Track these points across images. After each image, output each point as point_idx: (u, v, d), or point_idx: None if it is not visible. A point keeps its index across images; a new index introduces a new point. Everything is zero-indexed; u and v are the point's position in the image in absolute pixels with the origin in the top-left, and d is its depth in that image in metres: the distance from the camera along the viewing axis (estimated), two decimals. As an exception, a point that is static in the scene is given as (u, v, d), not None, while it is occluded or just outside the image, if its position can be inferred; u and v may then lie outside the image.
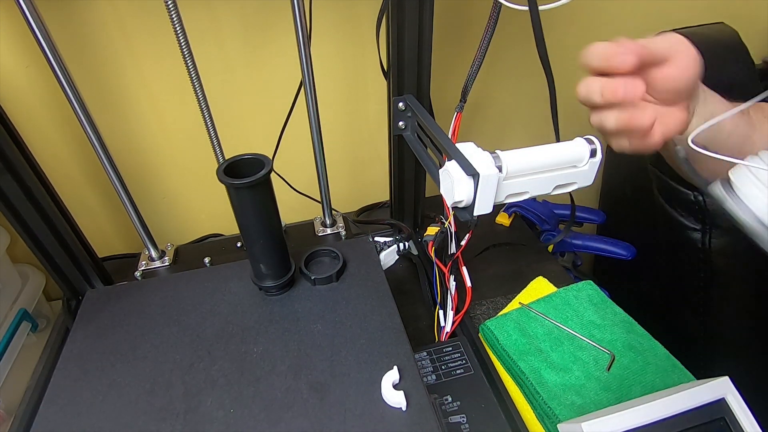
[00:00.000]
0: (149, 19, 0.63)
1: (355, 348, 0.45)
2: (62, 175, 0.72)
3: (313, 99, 0.61)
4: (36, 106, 0.66)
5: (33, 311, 0.68)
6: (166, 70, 0.68)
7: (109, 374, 0.44)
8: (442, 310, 0.60)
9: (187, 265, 0.70)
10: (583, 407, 0.47)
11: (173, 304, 0.50)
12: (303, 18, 0.54)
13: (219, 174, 0.42)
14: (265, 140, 0.73)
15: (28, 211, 0.52)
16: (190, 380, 0.43)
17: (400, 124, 0.54)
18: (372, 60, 0.69)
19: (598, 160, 0.42)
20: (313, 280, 0.51)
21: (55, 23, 0.60)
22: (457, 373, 0.52)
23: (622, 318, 0.56)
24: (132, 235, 0.74)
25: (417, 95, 0.57)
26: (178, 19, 0.50)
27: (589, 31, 0.82)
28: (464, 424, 0.47)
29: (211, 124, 0.60)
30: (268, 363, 0.44)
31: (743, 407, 0.38)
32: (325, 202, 0.72)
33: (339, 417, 0.39)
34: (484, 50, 0.55)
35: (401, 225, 0.72)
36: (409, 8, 0.50)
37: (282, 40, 0.69)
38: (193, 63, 0.54)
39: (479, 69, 0.56)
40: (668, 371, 0.50)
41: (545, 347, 0.53)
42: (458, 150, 0.39)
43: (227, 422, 0.40)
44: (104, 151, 0.58)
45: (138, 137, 0.73)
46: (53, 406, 0.42)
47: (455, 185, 0.38)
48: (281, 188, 0.67)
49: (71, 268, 0.58)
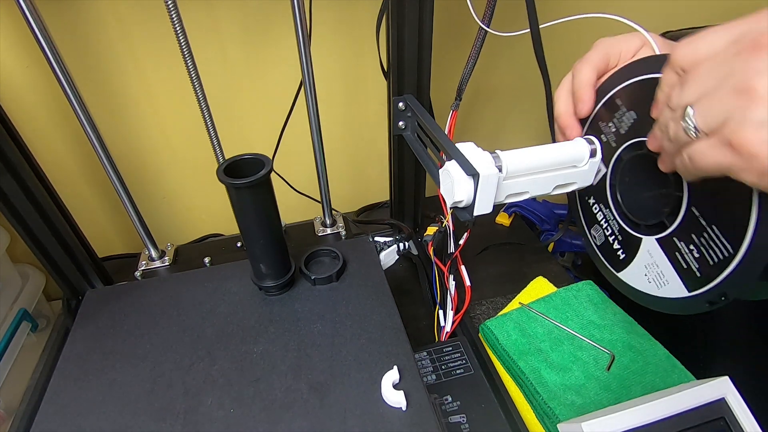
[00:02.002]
0: (149, 19, 0.63)
1: (355, 348, 0.45)
2: (62, 175, 0.72)
3: (313, 99, 0.61)
4: (36, 106, 0.66)
5: (33, 311, 0.68)
6: (166, 70, 0.68)
7: (109, 374, 0.44)
8: (441, 309, 0.60)
9: (187, 265, 0.70)
10: (583, 407, 0.47)
11: (173, 304, 0.50)
12: (303, 18, 0.54)
13: (219, 174, 0.42)
14: (265, 140, 0.73)
15: (28, 211, 0.52)
16: (190, 380, 0.43)
17: (400, 124, 0.54)
18: (372, 60, 0.69)
19: (598, 160, 0.42)
20: (313, 280, 0.51)
21: (55, 23, 0.60)
22: (457, 373, 0.52)
23: (622, 318, 0.56)
24: (132, 235, 0.74)
25: (417, 95, 0.57)
26: (178, 19, 0.50)
27: (589, 32, 0.82)
28: (464, 424, 0.47)
29: (211, 124, 0.60)
30: (268, 363, 0.44)
31: (743, 407, 0.38)
32: (325, 202, 0.72)
33: (339, 417, 0.39)
34: (479, 49, 0.55)
35: (401, 225, 0.72)
36: (409, 8, 0.50)
37: (282, 40, 0.69)
38: (193, 63, 0.54)
39: (473, 68, 0.57)
40: (668, 371, 0.50)
41: (545, 347, 0.53)
42: (458, 150, 0.39)
43: (227, 422, 0.40)
44: (104, 151, 0.58)
45: (138, 137, 0.73)
46: (53, 406, 0.42)
47: (455, 185, 0.38)
48: (281, 188, 0.67)
49: (71, 268, 0.58)
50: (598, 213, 0.48)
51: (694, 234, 0.36)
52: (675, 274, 0.38)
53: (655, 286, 0.40)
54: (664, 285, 0.39)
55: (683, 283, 0.37)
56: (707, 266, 0.35)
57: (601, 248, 0.48)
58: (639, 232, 0.42)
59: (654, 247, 0.40)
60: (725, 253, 0.33)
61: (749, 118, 0.25)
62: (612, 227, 0.45)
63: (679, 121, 0.29)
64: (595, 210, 0.48)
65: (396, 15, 0.51)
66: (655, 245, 0.40)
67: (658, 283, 0.40)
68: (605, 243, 0.47)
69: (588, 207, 0.50)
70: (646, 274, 0.41)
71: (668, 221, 0.38)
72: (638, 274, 0.42)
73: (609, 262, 0.47)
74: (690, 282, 0.37)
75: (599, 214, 0.47)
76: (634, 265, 0.43)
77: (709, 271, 0.35)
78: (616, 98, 0.42)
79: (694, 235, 0.36)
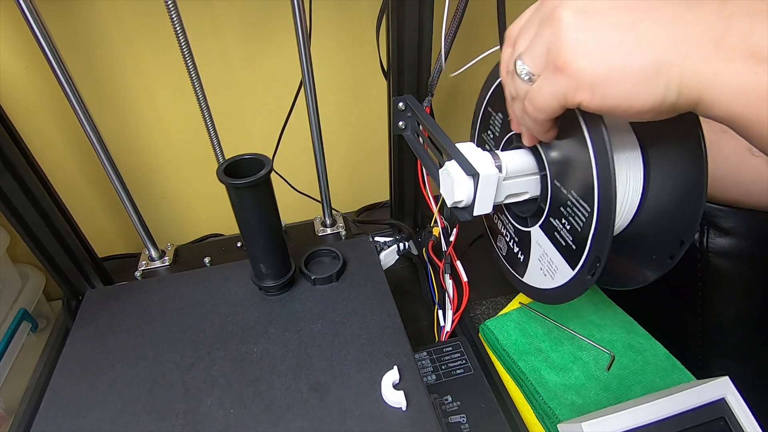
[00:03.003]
0: (149, 19, 0.63)
1: (355, 348, 0.45)
2: (62, 175, 0.72)
3: (313, 99, 0.61)
4: (36, 106, 0.66)
5: (33, 311, 0.68)
6: (166, 70, 0.68)
7: (109, 374, 0.44)
8: (441, 309, 0.60)
9: (187, 265, 0.70)
10: (583, 407, 0.47)
11: (173, 304, 0.50)
12: (303, 18, 0.54)
13: (219, 174, 0.42)
14: (265, 140, 0.73)
15: (28, 211, 0.52)
16: (190, 380, 0.43)
17: (400, 124, 0.54)
18: (372, 60, 0.69)
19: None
20: (313, 280, 0.51)
21: (55, 23, 0.60)
22: (457, 373, 0.52)
23: (622, 318, 0.56)
24: (132, 235, 0.74)
25: (417, 95, 0.57)
26: (178, 18, 0.50)
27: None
28: (464, 424, 0.47)
29: (211, 124, 0.60)
30: (268, 363, 0.44)
31: (743, 407, 0.38)
32: (325, 202, 0.72)
33: (339, 417, 0.39)
34: (450, 40, 0.55)
35: (401, 225, 0.72)
36: (409, 8, 0.50)
37: (282, 40, 0.69)
38: (193, 63, 0.54)
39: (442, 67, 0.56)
40: (668, 371, 0.50)
41: (545, 347, 0.53)
42: (458, 150, 0.39)
43: (227, 422, 0.40)
44: (104, 151, 0.58)
45: (138, 137, 0.73)
46: (53, 406, 0.42)
47: (455, 185, 0.38)
48: (281, 188, 0.67)
49: (71, 268, 0.58)
50: (498, 222, 0.51)
51: (561, 207, 0.39)
52: (560, 257, 0.40)
53: (550, 277, 0.43)
54: (555, 273, 0.42)
55: (567, 263, 0.40)
56: (577, 234, 0.37)
57: (507, 258, 0.51)
58: (527, 226, 0.44)
59: (540, 236, 0.43)
60: (585, 212, 0.36)
61: (563, 41, 0.28)
62: (509, 231, 0.49)
63: (515, 77, 0.32)
64: (496, 220, 0.52)
65: (396, 15, 0.51)
66: (540, 234, 0.43)
67: (551, 273, 0.42)
68: (509, 251, 0.50)
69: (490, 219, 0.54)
70: (541, 268, 0.44)
71: (543, 203, 0.41)
72: (536, 270, 0.45)
73: (514, 269, 0.50)
74: (571, 258, 0.39)
75: (499, 223, 0.51)
76: (531, 264, 0.46)
77: (580, 239, 0.37)
78: (488, 107, 0.47)
79: (561, 207, 0.38)
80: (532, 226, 0.44)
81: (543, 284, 0.44)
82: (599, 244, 0.35)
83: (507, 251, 0.50)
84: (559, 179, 0.38)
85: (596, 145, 0.33)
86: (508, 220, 0.49)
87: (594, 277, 0.36)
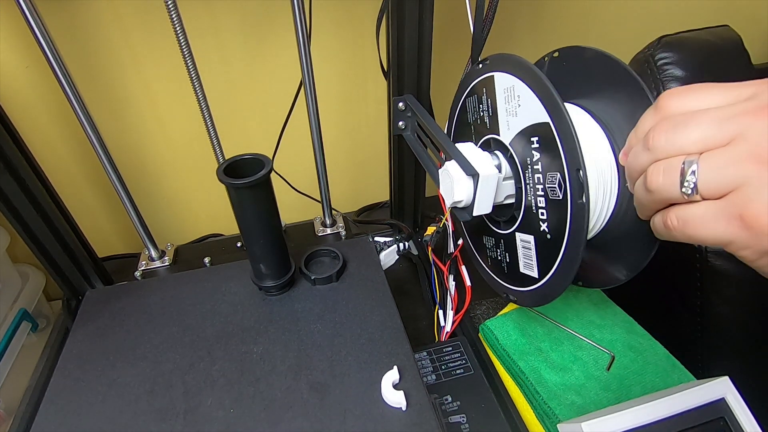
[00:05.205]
0: (149, 19, 0.63)
1: (355, 348, 0.45)
2: (62, 175, 0.72)
3: (313, 99, 0.61)
4: (36, 106, 0.66)
5: (33, 311, 0.68)
6: (166, 70, 0.68)
7: (109, 374, 0.44)
8: (441, 309, 0.60)
9: (187, 265, 0.70)
10: (583, 407, 0.47)
11: (173, 304, 0.50)
12: (303, 18, 0.54)
13: (219, 174, 0.42)
14: (265, 140, 0.73)
15: (28, 211, 0.52)
16: (190, 380, 0.43)
17: (400, 124, 0.54)
18: (372, 60, 0.69)
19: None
20: (313, 280, 0.51)
21: (55, 23, 0.60)
22: (457, 373, 0.52)
23: (622, 318, 0.56)
24: (132, 235, 0.74)
25: (417, 95, 0.57)
26: (178, 18, 0.50)
27: (590, 32, 0.82)
28: (464, 424, 0.47)
29: (211, 124, 0.60)
30: (268, 363, 0.44)
31: (743, 407, 0.38)
32: (325, 202, 0.72)
33: (339, 417, 0.39)
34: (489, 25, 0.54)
35: (401, 225, 0.72)
36: (409, 8, 0.50)
37: (282, 40, 0.69)
38: (193, 63, 0.54)
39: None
40: (668, 371, 0.50)
41: (545, 347, 0.53)
42: (458, 150, 0.39)
43: (227, 422, 0.40)
44: (104, 151, 0.58)
45: (138, 137, 0.73)
46: (53, 406, 0.42)
47: (455, 185, 0.38)
48: (281, 188, 0.67)
49: (71, 268, 0.58)
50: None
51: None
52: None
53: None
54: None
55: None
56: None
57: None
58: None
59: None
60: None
61: (762, 190, 0.21)
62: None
63: (670, 172, 0.25)
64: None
65: (396, 15, 0.51)
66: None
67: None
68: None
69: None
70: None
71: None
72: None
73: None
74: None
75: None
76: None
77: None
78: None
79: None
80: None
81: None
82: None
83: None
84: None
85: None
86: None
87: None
